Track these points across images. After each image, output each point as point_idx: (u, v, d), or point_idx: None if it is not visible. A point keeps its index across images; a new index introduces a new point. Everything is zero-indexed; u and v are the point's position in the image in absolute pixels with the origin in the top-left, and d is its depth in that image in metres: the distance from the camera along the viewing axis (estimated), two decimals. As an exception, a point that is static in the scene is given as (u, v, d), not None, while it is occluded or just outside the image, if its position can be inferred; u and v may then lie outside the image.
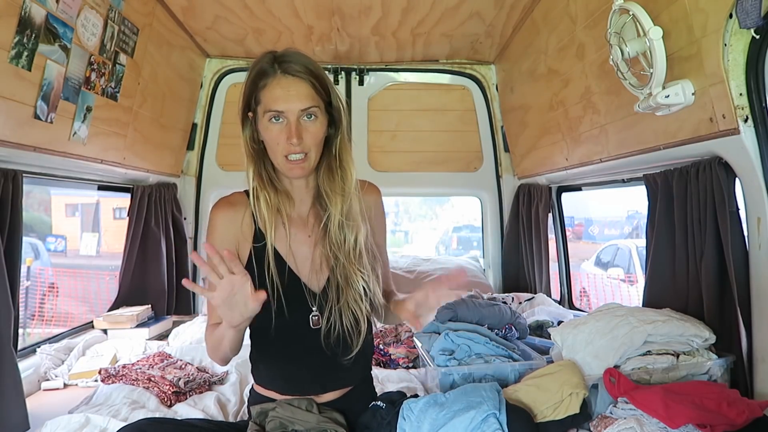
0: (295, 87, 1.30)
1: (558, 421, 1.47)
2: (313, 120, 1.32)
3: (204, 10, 2.72)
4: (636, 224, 12.15)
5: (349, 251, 1.37)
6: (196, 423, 1.36)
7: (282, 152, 1.31)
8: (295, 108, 1.29)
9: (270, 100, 1.30)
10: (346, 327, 1.36)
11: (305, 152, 1.31)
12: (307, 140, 1.30)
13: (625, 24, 1.66)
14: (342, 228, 1.37)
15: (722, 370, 1.62)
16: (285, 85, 1.30)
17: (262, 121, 1.32)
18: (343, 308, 1.36)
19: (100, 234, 11.65)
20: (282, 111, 1.29)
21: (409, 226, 19.38)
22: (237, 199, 1.42)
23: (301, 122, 1.30)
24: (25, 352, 2.24)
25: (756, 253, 1.56)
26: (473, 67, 3.62)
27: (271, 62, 1.32)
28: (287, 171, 1.34)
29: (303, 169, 1.32)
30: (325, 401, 1.40)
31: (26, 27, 1.71)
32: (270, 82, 1.31)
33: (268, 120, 1.31)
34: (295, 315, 1.35)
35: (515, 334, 2.13)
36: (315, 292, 1.37)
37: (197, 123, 3.50)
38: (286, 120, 1.30)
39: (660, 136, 1.84)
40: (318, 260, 1.39)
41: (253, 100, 1.34)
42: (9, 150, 1.81)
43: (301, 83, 1.31)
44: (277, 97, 1.29)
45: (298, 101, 1.29)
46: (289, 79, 1.30)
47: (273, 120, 1.30)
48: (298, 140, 1.28)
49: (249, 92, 1.34)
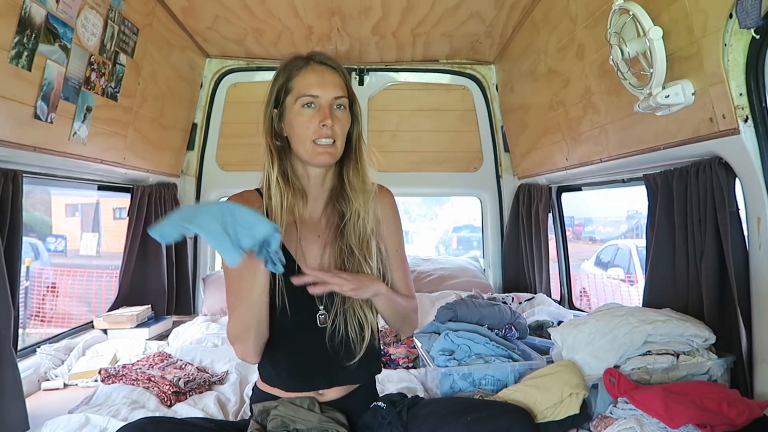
0: (329, 76, 1.35)
1: (558, 421, 1.47)
2: (343, 110, 1.37)
3: (204, 10, 2.72)
4: (635, 224, 12.15)
5: (364, 248, 1.38)
6: (196, 422, 1.36)
7: (312, 137, 1.33)
8: (329, 94, 1.34)
9: (304, 86, 1.34)
10: (351, 331, 1.37)
11: (334, 139, 1.34)
12: (336, 127, 1.34)
13: (625, 24, 1.66)
14: (362, 223, 1.39)
15: (722, 370, 1.62)
16: (320, 72, 1.35)
17: (293, 109, 1.35)
18: (349, 312, 1.37)
19: (100, 234, 11.65)
20: (317, 96, 1.33)
21: (409, 226, 19.36)
22: (250, 197, 1.43)
23: (333, 110, 1.34)
24: (25, 352, 2.24)
25: (756, 253, 1.56)
26: (473, 67, 3.62)
27: (304, 58, 1.38)
28: (314, 157, 1.35)
29: (331, 155, 1.35)
30: (329, 399, 1.40)
31: (26, 27, 1.71)
32: (304, 70, 1.35)
33: (301, 106, 1.34)
34: (302, 313, 1.36)
35: (515, 334, 2.13)
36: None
37: (197, 123, 3.50)
38: (319, 106, 1.33)
39: (660, 136, 1.84)
40: (327, 261, 1.40)
41: (283, 92, 1.37)
42: (9, 150, 1.81)
43: (335, 73, 1.37)
44: (312, 83, 1.34)
45: (332, 89, 1.34)
46: (324, 67, 1.36)
47: (306, 106, 1.34)
48: (331, 122, 1.32)
49: (279, 86, 1.37)
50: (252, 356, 1.36)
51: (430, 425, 1.30)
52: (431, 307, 2.73)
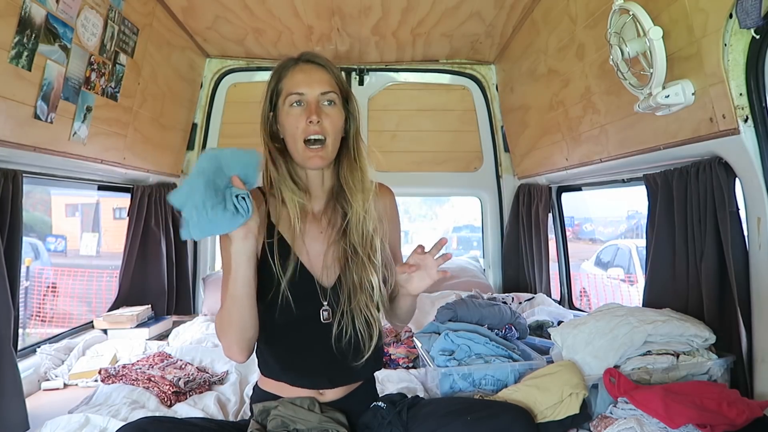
0: (316, 73, 1.37)
1: (558, 421, 1.47)
2: (333, 106, 1.37)
3: (204, 10, 2.72)
4: (635, 224, 12.14)
5: (368, 247, 1.39)
6: (197, 422, 1.36)
7: (301, 136, 1.34)
8: (315, 91, 1.35)
9: (291, 84, 1.36)
10: (359, 330, 1.36)
11: (324, 136, 1.34)
12: (326, 124, 1.34)
13: (625, 24, 1.66)
14: (363, 224, 1.39)
15: (722, 370, 1.62)
16: (306, 70, 1.37)
17: (283, 109, 1.37)
18: (355, 310, 1.36)
19: (100, 234, 11.64)
20: (303, 93, 1.35)
21: (409, 226, 19.35)
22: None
23: (321, 106, 1.35)
24: (25, 352, 2.24)
25: (756, 253, 1.56)
26: (473, 67, 3.62)
27: (294, 59, 1.40)
28: (306, 160, 1.35)
29: (321, 158, 1.35)
30: (330, 399, 1.40)
31: (26, 27, 1.71)
32: (292, 70, 1.38)
33: (289, 105, 1.35)
34: (306, 309, 1.36)
35: (515, 334, 2.13)
36: (326, 287, 1.38)
37: (197, 123, 3.50)
38: (306, 103, 1.34)
39: (660, 136, 1.84)
40: (330, 257, 1.40)
41: (275, 94, 1.39)
42: (9, 150, 1.81)
43: (322, 70, 1.38)
44: (299, 81, 1.36)
45: (318, 85, 1.35)
46: (311, 65, 1.38)
47: (294, 105, 1.35)
48: (317, 117, 1.32)
49: (271, 88, 1.40)
50: (236, 353, 1.32)
51: (431, 425, 1.30)
52: (431, 307, 2.73)
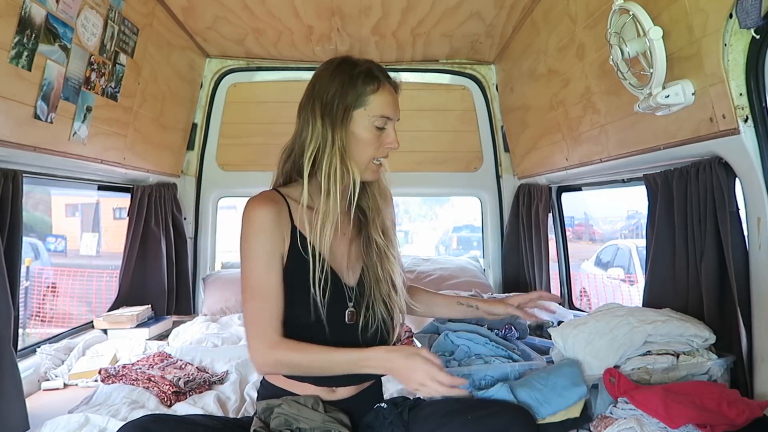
0: (397, 99, 1.44)
1: (558, 421, 1.47)
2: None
3: (204, 10, 2.72)
4: (635, 224, 12.15)
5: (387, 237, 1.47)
6: (199, 420, 1.35)
7: (374, 154, 1.40)
8: (397, 117, 1.43)
9: (384, 105, 1.39)
10: (382, 320, 1.41)
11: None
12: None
13: (625, 24, 1.66)
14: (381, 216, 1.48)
15: (722, 370, 1.62)
16: (393, 94, 1.42)
17: (362, 123, 1.38)
18: (377, 301, 1.41)
19: (100, 234, 11.65)
20: (391, 118, 1.41)
21: (409, 226, 19.36)
22: (274, 196, 1.41)
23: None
24: (25, 352, 2.24)
25: (756, 253, 1.56)
26: (473, 67, 3.62)
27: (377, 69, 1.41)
28: (369, 173, 1.43)
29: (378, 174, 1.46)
30: (341, 397, 1.41)
31: (26, 27, 1.71)
32: (382, 88, 1.39)
33: (373, 124, 1.38)
34: (332, 312, 1.36)
35: (515, 334, 2.13)
36: (351, 286, 1.42)
37: (197, 123, 3.50)
38: (389, 127, 1.41)
39: (660, 136, 1.84)
40: (353, 255, 1.44)
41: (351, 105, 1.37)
42: (9, 150, 1.81)
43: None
44: (390, 104, 1.40)
45: (399, 111, 1.43)
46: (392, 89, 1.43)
47: (381, 126, 1.39)
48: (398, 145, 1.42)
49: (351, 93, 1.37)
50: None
51: (431, 425, 1.31)
52: (431, 307, 2.73)
